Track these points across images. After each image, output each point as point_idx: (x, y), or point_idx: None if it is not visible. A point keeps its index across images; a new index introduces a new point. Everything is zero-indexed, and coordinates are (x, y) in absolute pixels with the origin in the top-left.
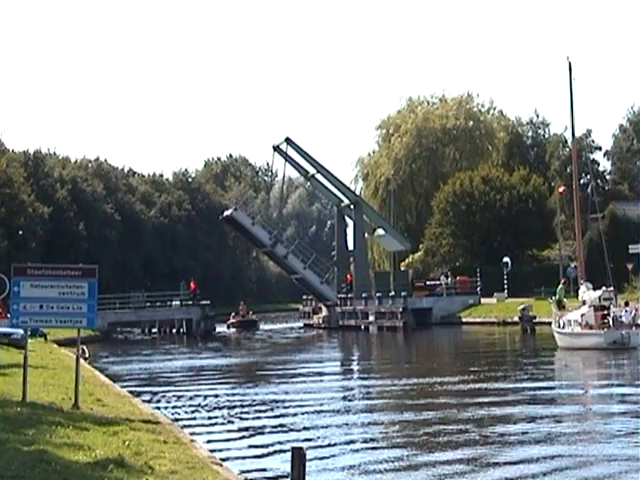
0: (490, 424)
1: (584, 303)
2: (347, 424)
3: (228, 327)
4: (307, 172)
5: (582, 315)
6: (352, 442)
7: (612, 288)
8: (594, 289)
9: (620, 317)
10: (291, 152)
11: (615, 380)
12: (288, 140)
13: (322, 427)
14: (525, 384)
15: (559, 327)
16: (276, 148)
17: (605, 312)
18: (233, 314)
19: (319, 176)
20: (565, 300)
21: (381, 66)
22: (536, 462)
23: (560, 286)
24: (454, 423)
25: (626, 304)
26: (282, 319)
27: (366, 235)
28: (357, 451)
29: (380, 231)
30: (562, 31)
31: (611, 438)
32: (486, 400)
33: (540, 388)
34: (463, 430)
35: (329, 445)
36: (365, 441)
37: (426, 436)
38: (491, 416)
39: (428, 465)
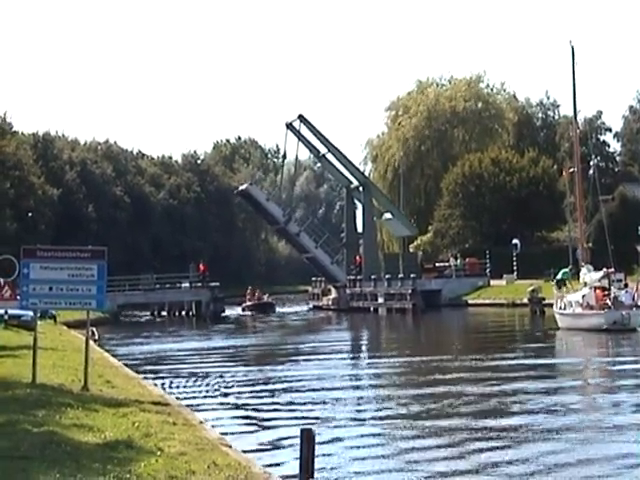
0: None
1: (585, 285)
2: (357, 404)
3: (243, 310)
4: (318, 151)
5: (583, 296)
6: (362, 422)
7: (613, 269)
8: (615, 271)
9: (620, 298)
10: (303, 131)
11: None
12: (301, 117)
13: (331, 407)
14: (525, 361)
15: (560, 308)
16: (289, 125)
17: (606, 293)
18: (248, 297)
19: (329, 156)
20: (567, 282)
21: (390, 48)
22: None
23: (566, 269)
24: (454, 397)
25: (626, 285)
26: (291, 301)
27: (374, 217)
28: (366, 435)
29: (387, 215)
30: (572, 12)
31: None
32: (482, 377)
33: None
34: (463, 403)
35: (338, 426)
36: (374, 420)
37: (434, 411)
38: (491, 393)
39: (439, 446)
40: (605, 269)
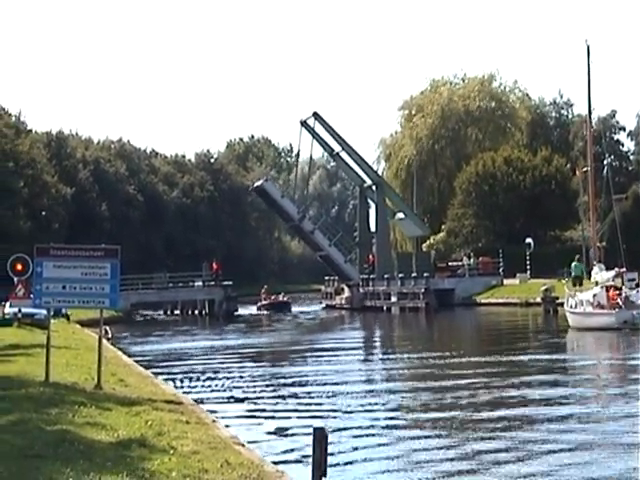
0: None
1: (597, 284)
2: (369, 404)
3: (259, 309)
4: (332, 150)
5: (594, 295)
6: (374, 422)
7: (624, 269)
8: (626, 270)
9: (631, 297)
10: (317, 129)
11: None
12: (316, 115)
13: (344, 407)
14: (539, 356)
15: (571, 307)
16: (303, 123)
17: (617, 292)
18: (264, 296)
19: (343, 155)
20: (583, 279)
21: (403, 47)
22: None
23: (575, 263)
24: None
25: (637, 285)
26: (304, 300)
27: (387, 217)
28: (379, 434)
29: (400, 215)
30: (586, 11)
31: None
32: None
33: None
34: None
35: (351, 427)
36: (387, 420)
37: (445, 406)
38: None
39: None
40: (617, 268)
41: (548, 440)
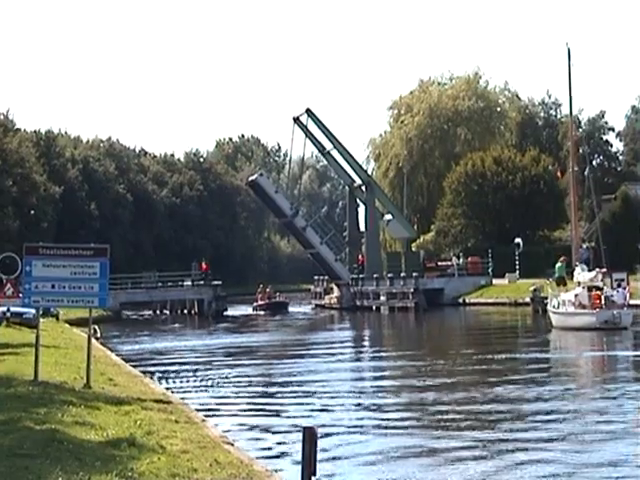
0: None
1: (579, 284)
2: (358, 404)
3: (255, 309)
4: (323, 148)
5: (576, 295)
6: (364, 424)
7: (605, 269)
8: (607, 270)
9: (612, 297)
10: (310, 126)
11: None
12: (309, 112)
13: (333, 406)
14: (520, 355)
15: (554, 307)
16: (296, 120)
17: (598, 293)
18: (260, 295)
19: (334, 153)
20: (566, 280)
21: (392, 47)
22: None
23: (559, 264)
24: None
25: (618, 285)
26: (293, 300)
27: (377, 217)
28: (367, 432)
29: (388, 216)
30: (576, 12)
31: None
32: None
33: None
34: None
35: (340, 425)
36: (375, 419)
37: (432, 410)
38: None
39: (439, 446)
40: (598, 269)
41: (531, 431)
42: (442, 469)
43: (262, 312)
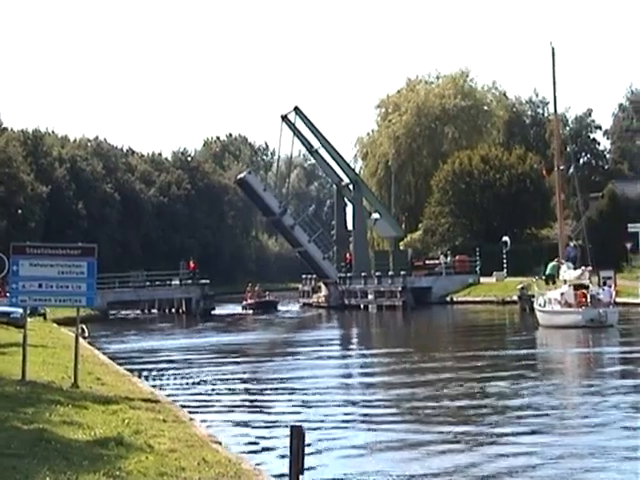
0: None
1: (565, 282)
2: (345, 401)
3: (244, 308)
4: (311, 146)
5: (562, 294)
6: (350, 419)
7: (590, 267)
8: (593, 269)
9: (598, 295)
10: (298, 124)
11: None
12: (297, 110)
13: (320, 403)
14: (505, 352)
15: (540, 305)
16: (284, 118)
17: (584, 291)
18: (249, 294)
19: (322, 152)
20: (556, 278)
21: (380, 46)
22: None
23: (553, 263)
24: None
25: (604, 283)
26: (281, 299)
27: (364, 215)
28: (355, 429)
29: (375, 215)
30: (563, 11)
31: None
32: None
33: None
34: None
35: (328, 422)
36: (363, 416)
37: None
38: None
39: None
40: (583, 267)
41: (513, 424)
42: (426, 461)
43: (251, 311)
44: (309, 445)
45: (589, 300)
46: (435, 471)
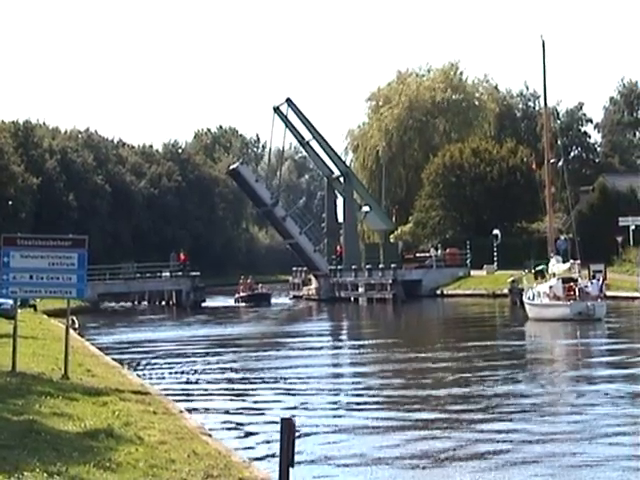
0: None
1: (554, 275)
2: (335, 395)
3: (236, 301)
4: (303, 138)
5: (550, 287)
6: (339, 411)
7: (579, 261)
8: (582, 262)
9: (587, 288)
10: (290, 116)
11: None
12: (289, 101)
13: (310, 396)
14: (494, 342)
15: (529, 298)
16: (276, 109)
17: (573, 284)
18: (242, 287)
19: (313, 144)
20: (545, 273)
21: (371, 39)
22: None
23: (543, 266)
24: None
25: (593, 276)
26: (272, 291)
27: (355, 208)
28: (344, 422)
29: (366, 208)
30: (554, 3)
31: None
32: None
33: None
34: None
35: (317, 415)
36: (351, 409)
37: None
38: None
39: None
40: (572, 260)
41: (496, 412)
42: (411, 444)
43: (244, 304)
44: (298, 430)
45: (577, 293)
46: (418, 454)
